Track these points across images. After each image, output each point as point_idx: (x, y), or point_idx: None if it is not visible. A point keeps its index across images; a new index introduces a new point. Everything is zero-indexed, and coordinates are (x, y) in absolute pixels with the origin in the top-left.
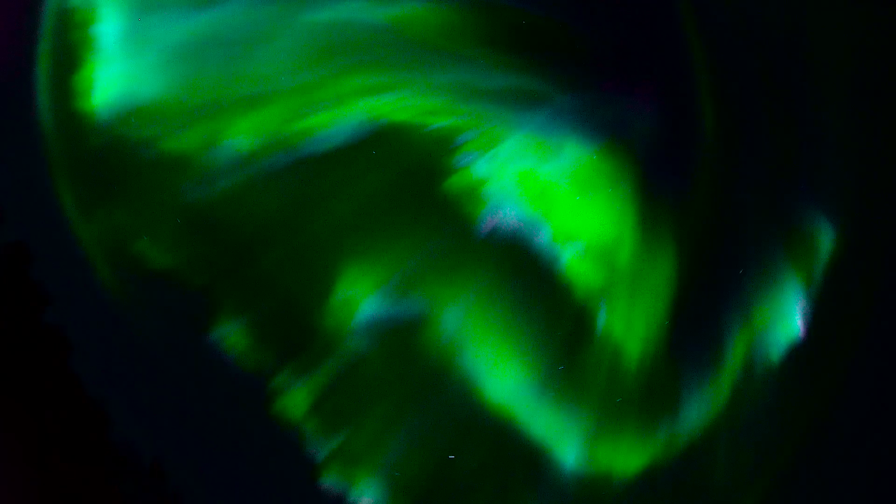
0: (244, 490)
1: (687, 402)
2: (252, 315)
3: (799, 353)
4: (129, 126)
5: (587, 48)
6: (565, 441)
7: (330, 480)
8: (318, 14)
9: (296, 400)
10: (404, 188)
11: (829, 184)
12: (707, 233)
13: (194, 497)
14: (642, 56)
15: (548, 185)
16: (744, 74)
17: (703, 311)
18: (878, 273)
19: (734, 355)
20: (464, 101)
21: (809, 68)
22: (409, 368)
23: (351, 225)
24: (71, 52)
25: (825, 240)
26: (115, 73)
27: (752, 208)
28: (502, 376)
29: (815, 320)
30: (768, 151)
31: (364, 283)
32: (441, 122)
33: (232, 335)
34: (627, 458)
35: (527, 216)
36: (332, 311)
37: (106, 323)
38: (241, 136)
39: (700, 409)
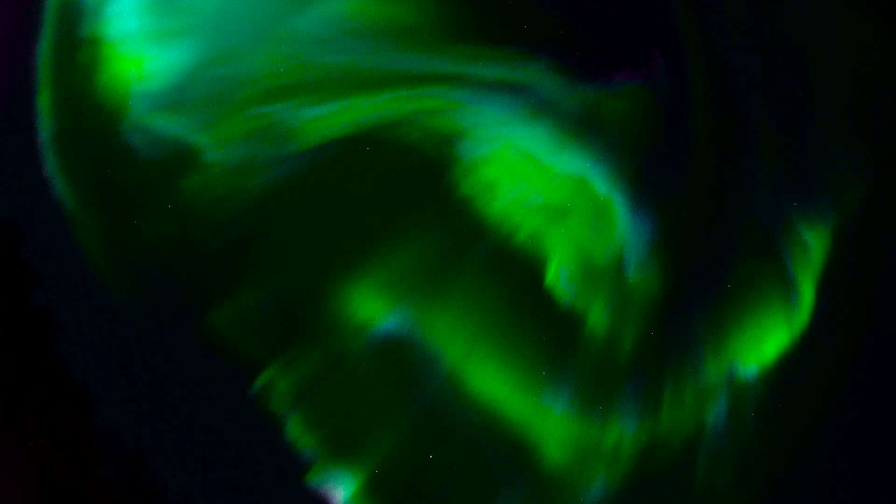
0: (225, 478)
1: (670, 409)
2: (241, 306)
3: (784, 366)
4: (127, 110)
5: (585, 45)
6: (546, 443)
7: (310, 473)
8: (318, 10)
9: (281, 392)
10: (399, 187)
11: (827, 191)
12: (698, 241)
13: (175, 484)
14: (638, 54)
15: (541, 190)
16: (742, 79)
17: (690, 320)
18: (874, 285)
19: (718, 365)
20: (463, 100)
21: (810, 74)
22: (395, 368)
23: (344, 221)
24: (74, 35)
25: (818, 250)
26: (118, 57)
27: (745, 216)
28: (488, 378)
29: (806, 332)
30: (765, 157)
31: (356, 280)
32: (440, 121)
33: (221, 325)
34: (608, 461)
35: (520, 221)
36: (322, 306)
37: (94, 308)
38: (239, 127)
39: (682, 417)
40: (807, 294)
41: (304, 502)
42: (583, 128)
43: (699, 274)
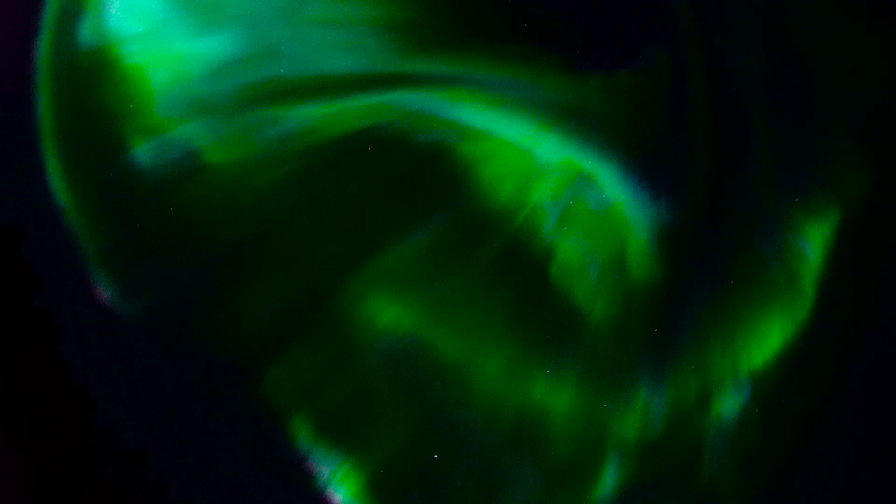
0: (227, 478)
1: (674, 404)
2: (242, 305)
3: (788, 362)
4: (128, 111)
5: (585, 42)
6: (551, 440)
7: (312, 473)
8: (317, 11)
9: (284, 391)
10: (400, 186)
11: (827, 188)
12: (699, 237)
13: (176, 484)
14: (638, 51)
15: (542, 187)
16: (742, 76)
17: (693, 316)
18: (875, 282)
19: (722, 362)
20: (463, 98)
21: (810, 72)
22: (399, 366)
23: (346, 220)
24: (76, 35)
25: (819, 246)
26: (119, 57)
27: (746, 212)
28: (492, 374)
29: (808, 328)
30: (765, 154)
31: (358, 279)
32: (440, 120)
33: (222, 325)
34: (613, 457)
35: (522, 218)
36: (325, 305)
37: (94, 308)
38: (241, 128)
39: (687, 412)
40: (808, 290)
41: (307, 502)
42: (584, 124)
43: (701, 270)
